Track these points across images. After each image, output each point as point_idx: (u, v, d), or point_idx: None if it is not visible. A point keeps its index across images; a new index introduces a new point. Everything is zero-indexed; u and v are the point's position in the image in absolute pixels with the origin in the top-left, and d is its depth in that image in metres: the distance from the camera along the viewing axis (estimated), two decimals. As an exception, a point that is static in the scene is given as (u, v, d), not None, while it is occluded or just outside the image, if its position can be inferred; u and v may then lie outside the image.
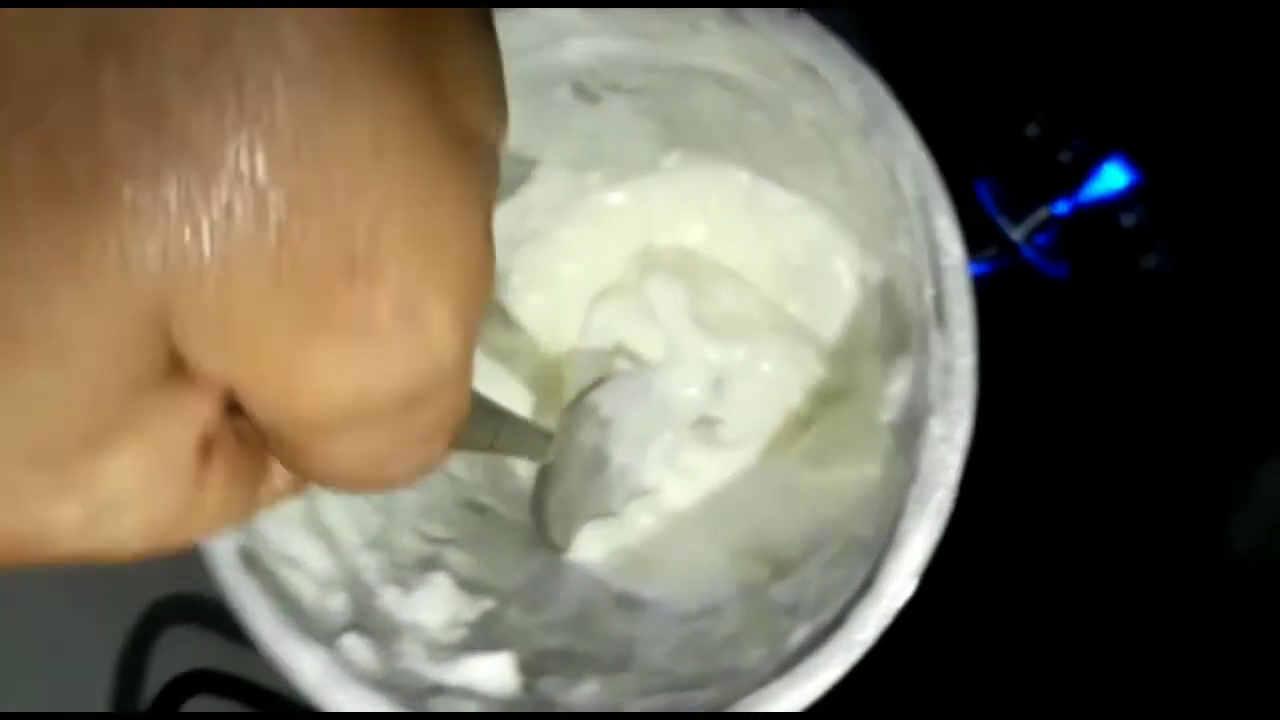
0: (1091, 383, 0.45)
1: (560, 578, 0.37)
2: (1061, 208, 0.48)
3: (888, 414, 0.27)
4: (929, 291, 0.23)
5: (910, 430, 0.25)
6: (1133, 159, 0.47)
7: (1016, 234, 0.48)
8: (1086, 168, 0.48)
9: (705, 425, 0.37)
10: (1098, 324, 0.46)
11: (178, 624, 0.45)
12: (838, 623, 0.22)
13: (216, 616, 0.40)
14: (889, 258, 0.30)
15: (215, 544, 0.28)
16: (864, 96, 0.24)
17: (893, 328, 0.30)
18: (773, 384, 0.38)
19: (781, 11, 0.25)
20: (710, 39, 0.28)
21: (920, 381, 0.24)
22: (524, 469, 0.39)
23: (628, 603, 0.36)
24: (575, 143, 0.35)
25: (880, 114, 0.24)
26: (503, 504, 0.39)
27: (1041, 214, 0.48)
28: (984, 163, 0.48)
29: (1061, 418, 0.44)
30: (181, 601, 0.45)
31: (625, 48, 0.30)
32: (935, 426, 0.23)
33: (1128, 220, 0.47)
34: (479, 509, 0.38)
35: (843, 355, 0.37)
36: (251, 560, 0.29)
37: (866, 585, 0.23)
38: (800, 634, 0.23)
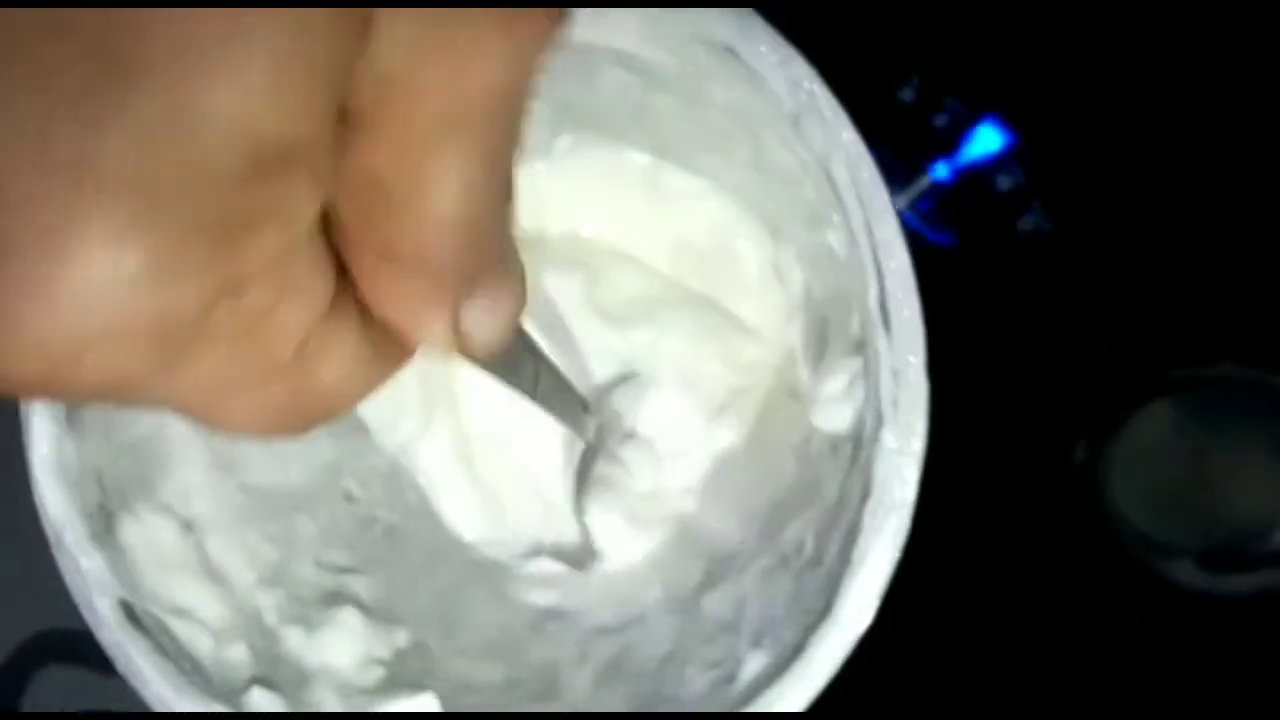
0: (972, 348, 0.45)
1: (470, 594, 0.35)
2: (941, 171, 0.48)
3: (825, 418, 0.26)
4: (872, 292, 0.22)
5: (858, 440, 0.23)
6: (1007, 120, 0.47)
7: (900, 202, 0.48)
8: (961, 131, 0.47)
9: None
10: (981, 290, 0.46)
11: (50, 663, 0.41)
12: (796, 651, 0.21)
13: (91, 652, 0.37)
14: (808, 248, 0.29)
15: (93, 600, 0.25)
16: (793, 84, 0.22)
17: (816, 321, 0.29)
18: (687, 359, 0.36)
19: (692, -17, 0.23)
20: (617, 17, 0.26)
21: (868, 389, 0.23)
22: (422, 478, 0.37)
23: (545, 617, 0.34)
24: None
25: (811, 103, 0.22)
26: (403, 518, 0.36)
27: (923, 181, 0.48)
28: (860, 129, 0.47)
29: (945, 384, 0.44)
30: (53, 637, 0.41)
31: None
32: (889, 438, 0.21)
33: (1004, 183, 0.47)
34: (379, 526, 0.35)
35: (757, 337, 0.36)
36: (135, 616, 0.26)
37: (826, 610, 0.22)
38: (754, 663, 0.22)
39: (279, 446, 0.33)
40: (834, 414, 0.26)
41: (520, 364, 0.22)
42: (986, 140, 0.47)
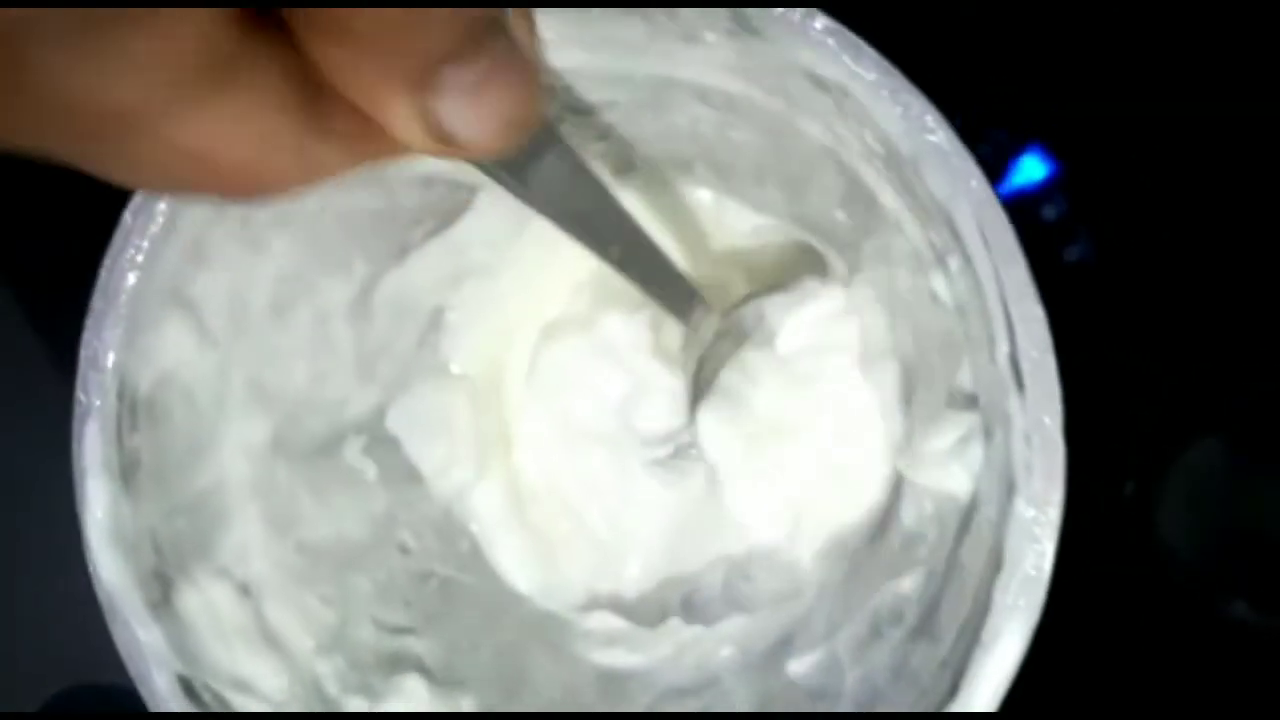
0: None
1: (531, 652, 0.33)
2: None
3: (928, 475, 0.24)
4: (1002, 347, 0.20)
5: (973, 504, 0.22)
6: (1051, 150, 0.46)
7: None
8: (1005, 161, 0.47)
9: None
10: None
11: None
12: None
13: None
14: (899, 292, 0.27)
15: (150, 675, 0.24)
16: (911, 124, 0.21)
17: (907, 369, 0.27)
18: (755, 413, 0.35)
19: (797, 14, 0.21)
20: (707, 50, 0.24)
21: (989, 450, 0.21)
22: (475, 526, 0.36)
23: (611, 677, 0.32)
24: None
25: (935, 146, 0.20)
26: (458, 570, 0.35)
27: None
28: None
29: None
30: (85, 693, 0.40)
31: (596, 61, 0.26)
32: (1023, 507, 0.20)
33: (1049, 214, 0.46)
34: (435, 580, 0.34)
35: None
36: (194, 691, 0.24)
37: (953, 691, 0.20)
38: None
39: (332, 497, 0.31)
40: (939, 473, 0.24)
41: (572, 198, 0.19)
42: (1030, 170, 0.46)
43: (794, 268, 0.34)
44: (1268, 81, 0.39)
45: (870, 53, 0.21)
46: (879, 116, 0.21)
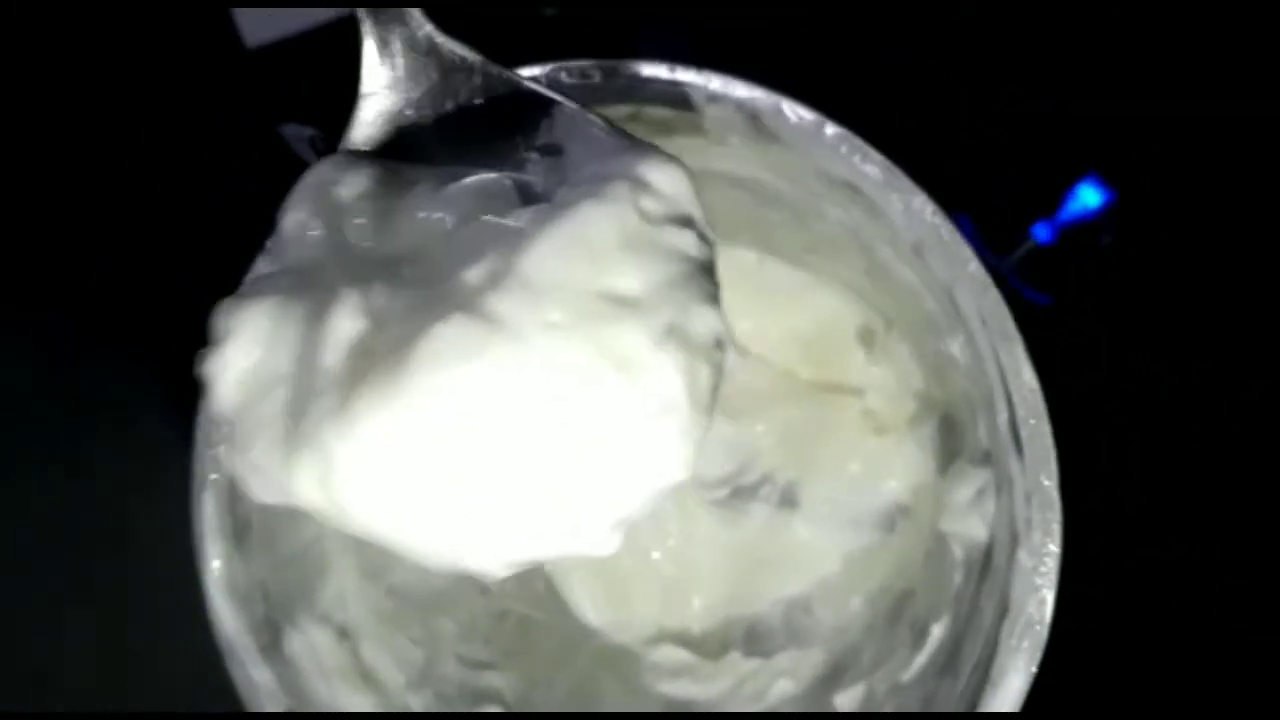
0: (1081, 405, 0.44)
1: (603, 684, 0.36)
2: (1042, 232, 0.48)
3: (952, 523, 0.27)
4: (1002, 415, 0.23)
5: (989, 551, 0.24)
6: (1106, 179, 0.47)
7: (1004, 265, 0.48)
8: (1062, 190, 0.48)
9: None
10: (1082, 349, 0.46)
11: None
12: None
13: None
14: (927, 351, 0.30)
15: (263, 710, 0.27)
16: (913, 216, 0.23)
17: (942, 423, 0.29)
18: (801, 450, 0.37)
19: (811, 122, 0.24)
20: (733, 149, 0.27)
21: (1000, 504, 0.24)
22: (549, 565, 0.39)
23: (677, 709, 0.35)
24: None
25: (934, 234, 0.23)
26: (533, 608, 0.38)
27: (1028, 245, 0.48)
28: (962, 193, 0.47)
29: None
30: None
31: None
32: (1024, 558, 0.22)
33: (1106, 241, 0.47)
34: (512, 619, 0.37)
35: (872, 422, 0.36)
36: (300, 727, 0.27)
37: (965, 724, 0.22)
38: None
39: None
40: (963, 521, 0.26)
41: None
42: (1086, 199, 0.47)
43: (838, 325, 0.37)
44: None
45: (875, 155, 0.23)
46: (886, 208, 0.24)
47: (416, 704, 0.31)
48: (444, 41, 0.19)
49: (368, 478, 0.16)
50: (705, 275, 0.18)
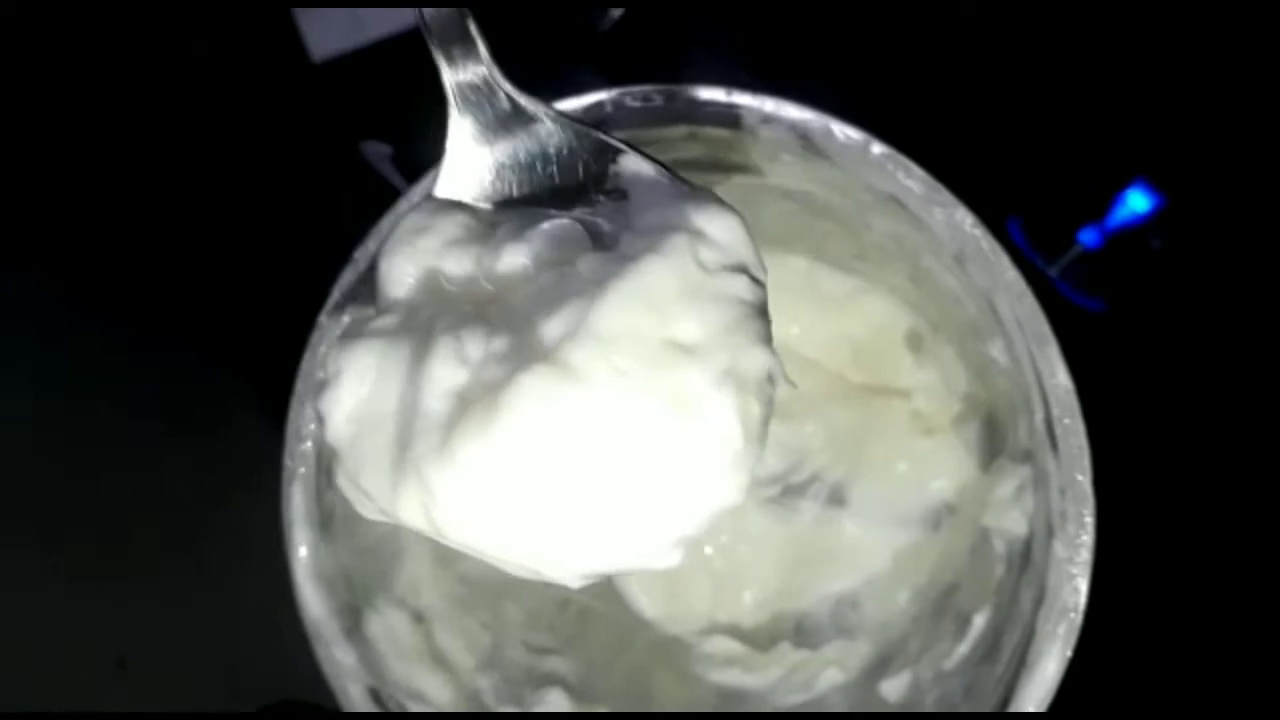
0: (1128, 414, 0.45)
1: (658, 672, 0.38)
2: (1090, 237, 0.48)
3: (995, 518, 0.28)
4: (1039, 415, 0.24)
5: (1029, 544, 0.25)
6: (1155, 184, 0.47)
7: (1052, 270, 0.48)
8: (1110, 195, 0.48)
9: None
10: (1133, 355, 0.46)
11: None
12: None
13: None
14: (970, 353, 0.31)
15: (347, 688, 0.29)
16: (954, 228, 0.25)
17: (986, 423, 0.31)
18: (853, 450, 0.38)
19: (859, 142, 0.26)
20: (785, 166, 0.28)
21: (1038, 499, 0.25)
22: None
23: (729, 696, 0.36)
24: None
25: (975, 245, 0.24)
26: (593, 598, 0.39)
27: (1076, 250, 0.48)
28: (1011, 198, 0.48)
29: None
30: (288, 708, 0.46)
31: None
32: (1059, 549, 0.23)
33: (1156, 246, 0.48)
34: (573, 608, 0.38)
35: (920, 423, 0.38)
36: (381, 700, 0.29)
37: (1004, 704, 0.24)
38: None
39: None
40: (1004, 516, 0.28)
41: None
42: (1135, 204, 0.47)
43: (887, 330, 0.38)
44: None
45: (918, 171, 0.25)
46: (928, 221, 0.25)
47: (485, 685, 0.32)
48: (519, 96, 0.22)
49: (464, 506, 0.19)
50: (758, 316, 0.20)
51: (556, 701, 0.33)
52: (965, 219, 0.25)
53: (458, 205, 0.22)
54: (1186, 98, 0.44)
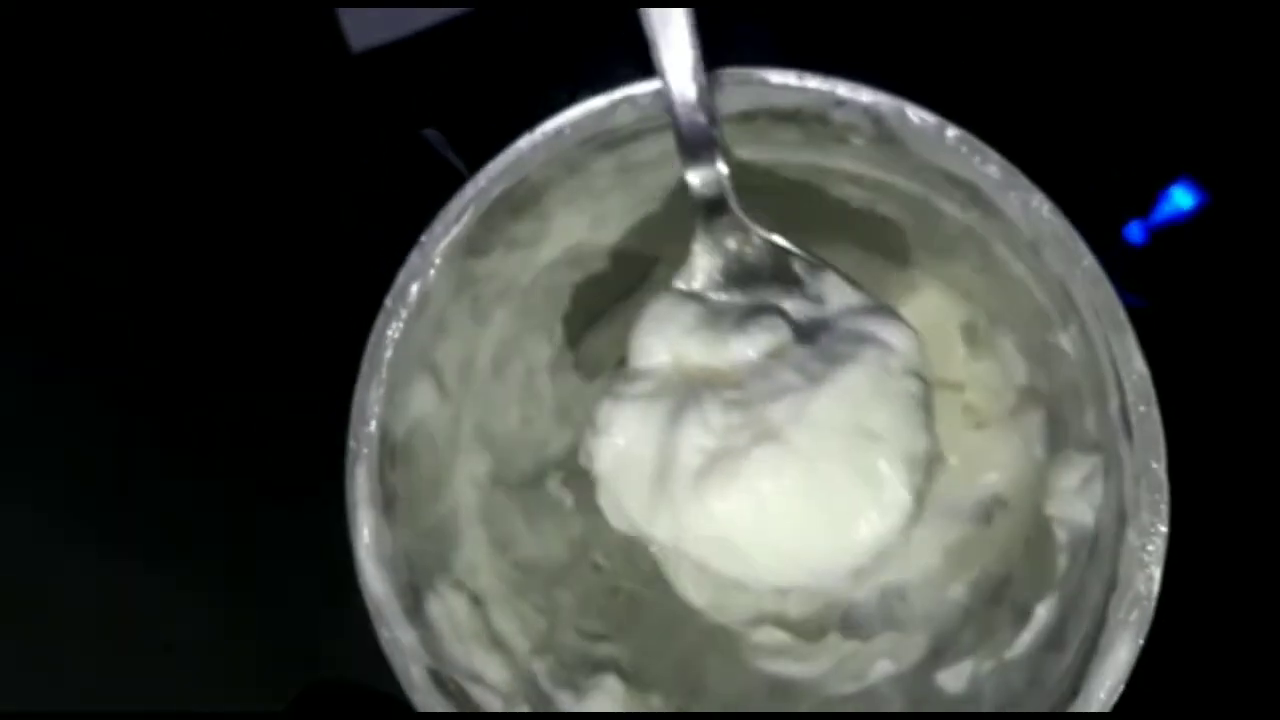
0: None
1: (709, 660, 0.38)
2: (1135, 233, 0.48)
3: (1060, 508, 0.28)
4: (1113, 401, 0.24)
5: (1097, 534, 0.25)
6: (1199, 181, 0.47)
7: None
8: (1155, 191, 0.48)
9: None
10: (1176, 352, 0.46)
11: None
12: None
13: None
14: (1033, 343, 0.31)
15: (409, 668, 0.29)
16: (1031, 215, 0.25)
17: (1049, 414, 0.31)
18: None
19: (934, 125, 0.26)
20: (854, 149, 0.28)
21: (1108, 488, 0.25)
22: (654, 548, 0.41)
23: (781, 685, 0.36)
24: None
25: (1051, 231, 0.24)
26: (643, 586, 0.39)
27: (1120, 247, 0.48)
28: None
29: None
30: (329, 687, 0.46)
31: (753, 154, 0.31)
32: (1132, 536, 0.23)
33: (1199, 242, 0.47)
34: (623, 595, 0.39)
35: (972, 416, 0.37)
36: (441, 681, 0.30)
37: (1073, 694, 0.23)
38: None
39: (540, 521, 0.37)
40: (1070, 506, 0.28)
41: None
42: (1179, 201, 0.47)
43: (941, 323, 0.38)
44: None
45: (994, 156, 0.25)
46: (1004, 207, 0.25)
47: (540, 669, 0.33)
48: (747, 222, 0.30)
49: (704, 533, 0.27)
50: (925, 409, 0.27)
51: (611, 686, 0.33)
52: (1042, 205, 0.25)
53: (693, 296, 0.30)
54: (1232, 95, 0.44)
